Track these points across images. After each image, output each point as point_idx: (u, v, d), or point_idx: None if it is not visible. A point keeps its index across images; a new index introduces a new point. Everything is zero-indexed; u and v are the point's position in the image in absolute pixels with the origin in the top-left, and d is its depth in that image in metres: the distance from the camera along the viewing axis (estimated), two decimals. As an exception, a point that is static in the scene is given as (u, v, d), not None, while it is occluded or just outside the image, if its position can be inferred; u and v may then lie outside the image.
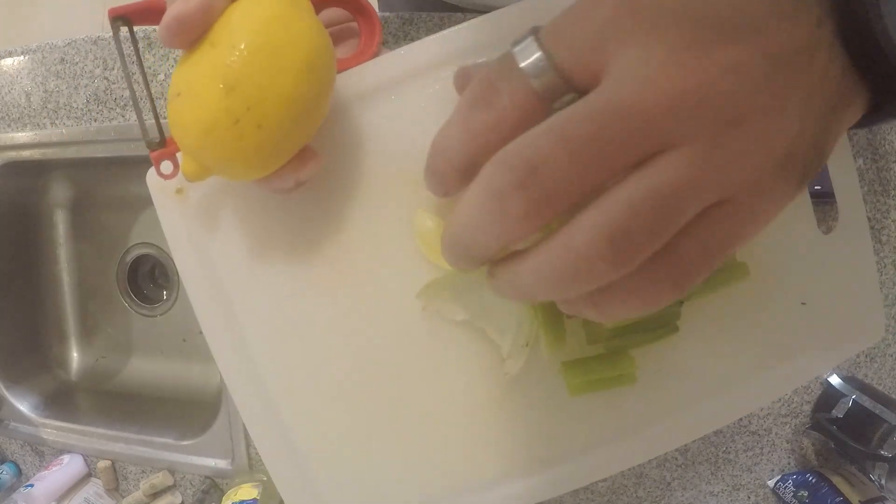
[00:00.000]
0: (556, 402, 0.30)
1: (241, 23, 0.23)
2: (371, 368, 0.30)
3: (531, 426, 0.30)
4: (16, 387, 0.72)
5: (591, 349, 0.29)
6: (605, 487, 0.63)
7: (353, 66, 0.29)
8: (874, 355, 0.65)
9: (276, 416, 0.31)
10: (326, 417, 0.31)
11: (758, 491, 0.65)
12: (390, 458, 0.31)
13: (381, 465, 0.31)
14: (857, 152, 0.62)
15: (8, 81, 0.65)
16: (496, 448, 0.30)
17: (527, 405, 0.30)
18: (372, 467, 0.31)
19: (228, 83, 0.23)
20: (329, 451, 0.31)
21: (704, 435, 0.61)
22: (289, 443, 0.31)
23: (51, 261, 0.80)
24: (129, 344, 0.81)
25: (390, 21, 0.57)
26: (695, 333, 0.30)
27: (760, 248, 0.31)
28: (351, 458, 0.31)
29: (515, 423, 0.30)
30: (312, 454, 0.31)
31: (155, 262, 0.80)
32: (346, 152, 0.30)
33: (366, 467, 0.31)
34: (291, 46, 0.23)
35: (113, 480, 0.67)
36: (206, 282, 0.32)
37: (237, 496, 0.59)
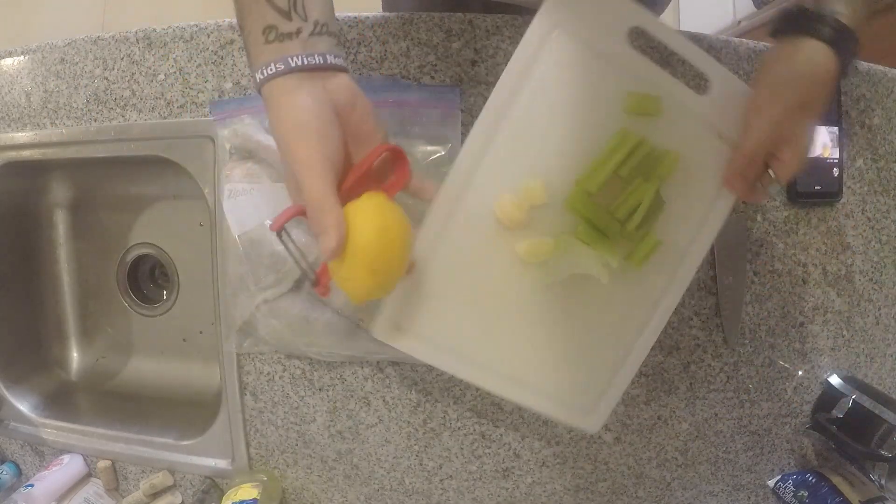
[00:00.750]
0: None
1: (364, 227, 0.38)
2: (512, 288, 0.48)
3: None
4: (16, 387, 0.72)
5: (629, 244, 0.47)
6: (605, 487, 0.63)
7: (392, 195, 0.42)
8: (874, 355, 0.65)
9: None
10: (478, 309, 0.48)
11: (758, 491, 0.65)
12: (499, 342, 0.48)
13: (490, 345, 0.48)
14: (858, 152, 0.62)
15: (8, 81, 0.65)
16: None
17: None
18: (484, 347, 0.48)
19: (372, 269, 0.38)
20: (466, 330, 0.48)
21: (704, 435, 0.61)
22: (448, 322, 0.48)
23: (51, 261, 0.80)
24: (129, 344, 0.81)
25: (390, 21, 0.57)
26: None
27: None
28: (473, 338, 0.48)
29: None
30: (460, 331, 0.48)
31: (155, 262, 0.80)
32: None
33: (480, 346, 0.48)
34: (397, 227, 0.39)
35: (113, 480, 0.67)
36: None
37: (237, 496, 0.59)
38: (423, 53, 0.57)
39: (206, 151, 0.60)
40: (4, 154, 0.67)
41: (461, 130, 0.56)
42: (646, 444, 0.63)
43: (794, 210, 0.61)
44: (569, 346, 0.49)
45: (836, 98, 0.60)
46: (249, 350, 0.60)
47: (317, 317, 0.56)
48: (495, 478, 0.62)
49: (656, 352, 0.60)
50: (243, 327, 0.58)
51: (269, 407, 0.61)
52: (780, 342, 0.62)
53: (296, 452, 0.63)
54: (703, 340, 0.61)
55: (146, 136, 0.61)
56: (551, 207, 0.46)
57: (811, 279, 0.62)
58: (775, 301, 0.62)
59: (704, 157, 0.47)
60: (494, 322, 0.48)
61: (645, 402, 0.61)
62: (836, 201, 0.61)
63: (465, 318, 0.48)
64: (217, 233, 0.59)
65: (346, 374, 0.60)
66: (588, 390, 0.50)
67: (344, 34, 0.57)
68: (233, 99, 0.59)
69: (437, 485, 0.62)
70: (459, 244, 0.47)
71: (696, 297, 0.61)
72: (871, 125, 0.62)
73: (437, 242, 0.46)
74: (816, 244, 0.62)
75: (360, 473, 0.63)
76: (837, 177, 0.60)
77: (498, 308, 0.48)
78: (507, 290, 0.48)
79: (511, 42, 0.57)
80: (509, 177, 0.46)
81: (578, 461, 0.62)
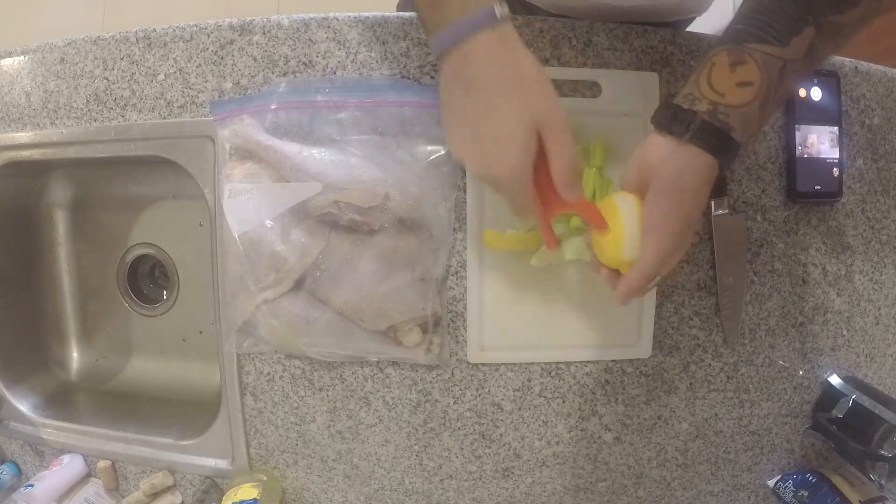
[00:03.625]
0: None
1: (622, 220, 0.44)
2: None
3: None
4: (16, 387, 0.72)
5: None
6: (605, 487, 0.63)
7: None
8: (874, 355, 0.65)
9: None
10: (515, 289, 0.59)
11: (758, 491, 0.65)
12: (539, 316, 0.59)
13: (546, 331, 0.59)
14: (858, 152, 0.62)
15: (8, 81, 0.65)
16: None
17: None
18: (543, 334, 0.59)
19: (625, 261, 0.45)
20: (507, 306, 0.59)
21: (704, 435, 0.61)
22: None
23: (51, 261, 0.80)
24: (129, 344, 0.81)
25: (390, 21, 0.57)
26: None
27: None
28: (532, 331, 0.59)
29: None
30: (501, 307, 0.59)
31: (155, 262, 0.80)
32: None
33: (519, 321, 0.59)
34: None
35: (113, 480, 0.67)
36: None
37: (237, 496, 0.59)
38: (423, 53, 0.57)
39: (206, 151, 0.60)
40: (4, 154, 0.67)
41: (461, 130, 0.56)
42: (646, 444, 0.63)
43: (794, 210, 0.61)
44: (598, 303, 0.59)
45: (837, 98, 0.60)
46: (249, 350, 0.60)
47: (317, 317, 0.56)
48: (495, 478, 0.62)
49: (656, 352, 0.60)
50: (243, 327, 0.58)
51: (269, 407, 0.61)
52: (780, 342, 0.62)
53: (296, 452, 0.63)
54: (703, 340, 0.61)
55: (146, 136, 0.61)
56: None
57: (811, 279, 0.62)
58: (775, 301, 0.62)
59: (622, 135, 0.57)
60: (541, 312, 0.59)
61: (645, 402, 0.61)
62: (836, 201, 0.61)
63: (520, 320, 0.59)
64: (217, 233, 0.59)
65: (346, 374, 0.60)
66: (627, 328, 0.60)
67: (344, 34, 0.57)
68: (233, 99, 0.59)
69: (437, 485, 0.62)
70: (494, 272, 0.58)
71: (696, 297, 0.61)
72: (871, 125, 0.62)
73: (482, 276, 0.58)
74: (816, 244, 0.62)
75: (360, 473, 0.63)
76: (837, 177, 0.60)
77: (539, 301, 0.59)
78: (541, 286, 0.58)
79: (511, 42, 0.57)
80: (505, 213, 0.56)
81: (578, 461, 0.62)
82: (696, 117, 0.41)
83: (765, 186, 0.61)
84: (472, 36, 0.39)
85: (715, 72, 0.41)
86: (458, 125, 0.43)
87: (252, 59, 0.58)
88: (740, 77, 0.41)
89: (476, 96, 0.40)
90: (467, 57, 0.40)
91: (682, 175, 0.42)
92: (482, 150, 0.41)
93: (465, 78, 0.41)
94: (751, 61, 0.40)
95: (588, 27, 0.57)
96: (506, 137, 0.40)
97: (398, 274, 0.56)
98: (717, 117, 0.41)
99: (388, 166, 0.55)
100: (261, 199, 0.55)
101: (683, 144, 0.41)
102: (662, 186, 0.42)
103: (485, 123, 0.41)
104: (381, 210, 0.54)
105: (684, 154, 0.41)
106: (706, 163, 0.41)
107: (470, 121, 0.42)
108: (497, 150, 0.41)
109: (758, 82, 0.40)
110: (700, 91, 0.42)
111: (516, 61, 0.40)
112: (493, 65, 0.40)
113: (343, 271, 0.55)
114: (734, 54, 0.41)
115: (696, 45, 0.59)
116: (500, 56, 0.40)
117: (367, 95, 0.56)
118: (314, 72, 0.58)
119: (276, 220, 0.55)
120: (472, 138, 0.42)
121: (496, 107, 0.40)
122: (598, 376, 0.60)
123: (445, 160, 0.56)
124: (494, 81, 0.40)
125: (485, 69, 0.40)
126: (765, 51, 0.40)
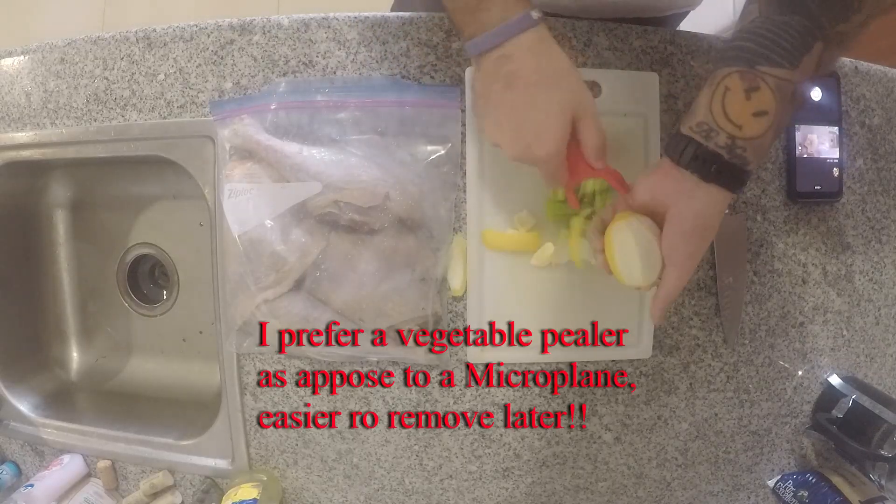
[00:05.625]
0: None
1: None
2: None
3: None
4: (16, 387, 0.72)
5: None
6: (605, 487, 0.63)
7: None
8: (874, 355, 0.65)
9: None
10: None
11: (758, 491, 0.65)
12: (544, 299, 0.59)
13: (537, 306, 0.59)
14: (858, 152, 0.62)
15: (8, 81, 0.65)
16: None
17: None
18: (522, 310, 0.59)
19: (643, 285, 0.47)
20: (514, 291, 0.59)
21: (704, 435, 0.61)
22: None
23: (51, 261, 0.80)
24: (129, 344, 0.81)
25: (390, 21, 0.57)
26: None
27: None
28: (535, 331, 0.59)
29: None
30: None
31: (155, 262, 0.80)
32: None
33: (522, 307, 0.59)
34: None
35: (113, 480, 0.67)
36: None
37: (237, 496, 0.59)
38: (423, 53, 0.57)
39: (206, 151, 0.60)
40: (4, 154, 0.67)
41: (461, 130, 0.56)
42: (646, 444, 0.63)
43: (794, 210, 0.61)
44: (598, 303, 0.59)
45: (837, 98, 0.60)
46: (249, 350, 0.60)
47: (317, 317, 0.56)
48: (495, 478, 0.62)
49: (656, 352, 0.60)
50: (243, 327, 0.58)
51: (269, 407, 0.61)
52: (780, 342, 0.62)
53: (296, 452, 0.63)
54: (703, 340, 0.61)
55: (146, 136, 0.61)
56: (540, 224, 0.57)
57: (811, 279, 0.62)
58: (775, 301, 0.62)
59: (622, 135, 0.57)
60: (541, 312, 0.59)
61: (645, 402, 0.61)
62: (836, 201, 0.62)
63: (520, 320, 0.59)
64: (217, 233, 0.59)
65: (347, 374, 0.60)
66: (627, 328, 0.59)
67: (344, 34, 0.57)
68: (233, 99, 0.59)
69: (437, 485, 0.62)
70: (494, 272, 0.58)
71: (696, 297, 0.61)
72: (871, 125, 0.62)
73: (482, 276, 0.57)
74: (816, 244, 0.62)
75: (360, 473, 0.63)
76: (837, 177, 0.60)
77: (539, 301, 0.59)
78: (541, 286, 0.58)
79: (511, 42, 0.57)
80: (505, 213, 0.57)
81: (578, 461, 0.62)
82: (718, 158, 0.41)
83: (765, 186, 0.61)
84: (513, 38, 0.44)
85: (729, 98, 0.41)
86: (497, 115, 0.47)
87: (252, 59, 0.58)
88: (755, 106, 0.40)
89: (517, 91, 0.45)
90: (508, 57, 0.44)
91: (704, 214, 0.43)
92: (522, 137, 0.46)
93: (506, 74, 0.45)
94: (765, 87, 0.40)
95: (588, 27, 0.57)
96: (546, 125, 0.45)
97: (398, 274, 0.56)
98: (736, 152, 0.41)
99: (388, 166, 0.55)
100: (261, 199, 0.55)
101: (703, 183, 0.42)
102: (685, 228, 0.43)
103: (526, 113, 0.45)
104: (381, 210, 0.54)
105: (704, 194, 0.42)
106: (725, 198, 0.42)
107: (509, 111, 0.46)
108: (537, 137, 0.45)
109: (772, 111, 0.40)
110: (716, 122, 0.41)
111: (552, 59, 0.45)
112: (531, 63, 0.44)
113: (343, 271, 0.55)
114: (748, 79, 0.40)
115: (696, 45, 0.59)
116: (537, 55, 0.44)
117: (367, 95, 0.56)
118: (314, 72, 0.58)
119: (276, 220, 0.55)
120: (511, 127, 0.46)
121: (537, 100, 0.44)
122: (598, 376, 0.60)
123: (445, 160, 0.56)
124: (535, 78, 0.44)
125: (524, 67, 0.44)
126: (777, 75, 0.40)
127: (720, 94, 0.41)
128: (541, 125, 0.45)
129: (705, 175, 0.41)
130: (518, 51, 0.44)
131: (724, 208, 0.43)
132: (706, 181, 0.41)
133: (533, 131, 0.45)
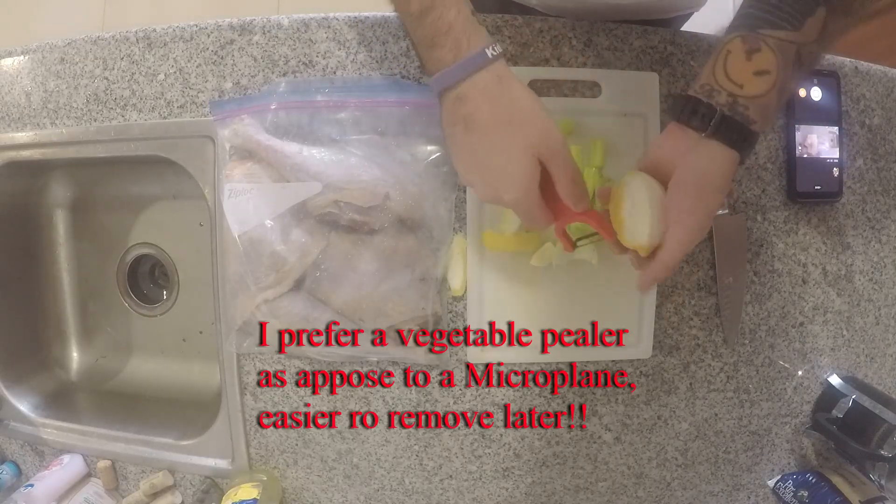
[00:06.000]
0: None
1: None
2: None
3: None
4: (16, 387, 0.72)
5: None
6: (605, 487, 0.63)
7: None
8: (874, 355, 0.65)
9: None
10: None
11: (758, 491, 0.65)
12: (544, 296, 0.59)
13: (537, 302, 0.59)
14: (858, 152, 0.62)
15: (8, 81, 0.65)
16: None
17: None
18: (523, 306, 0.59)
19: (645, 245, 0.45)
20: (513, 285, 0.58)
21: (704, 435, 0.61)
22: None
23: (51, 261, 0.80)
24: (129, 344, 0.81)
25: (390, 21, 0.57)
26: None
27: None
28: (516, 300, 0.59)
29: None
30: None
31: (155, 262, 0.80)
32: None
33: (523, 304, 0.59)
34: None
35: (113, 480, 0.67)
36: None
37: (237, 496, 0.59)
38: (423, 53, 0.57)
39: (206, 151, 0.60)
40: (4, 154, 0.67)
41: (461, 130, 0.56)
42: (646, 444, 0.63)
43: (794, 210, 0.61)
44: (599, 303, 0.59)
45: (837, 98, 0.60)
46: (249, 350, 0.60)
47: (317, 317, 0.56)
48: (495, 478, 0.62)
49: (656, 352, 0.60)
50: (243, 327, 0.58)
51: (269, 407, 0.61)
52: (780, 342, 0.62)
53: (296, 452, 0.63)
54: (703, 340, 0.61)
55: (146, 136, 0.61)
56: None
57: (811, 279, 0.62)
58: (775, 301, 0.62)
59: (622, 135, 0.57)
60: (541, 312, 0.59)
61: (645, 402, 0.61)
62: (836, 201, 0.61)
63: (520, 320, 0.59)
64: (217, 233, 0.59)
65: (347, 374, 0.60)
66: (627, 328, 0.59)
67: (344, 34, 0.57)
68: (233, 99, 0.59)
69: (437, 485, 0.62)
70: (494, 272, 0.58)
71: (696, 297, 0.61)
72: (871, 125, 0.62)
73: (482, 276, 0.57)
74: (816, 244, 0.62)
75: (360, 473, 0.63)
76: (837, 177, 0.60)
77: (539, 301, 0.59)
78: (541, 286, 0.58)
79: (511, 42, 0.57)
80: (505, 213, 0.56)
81: (578, 461, 0.62)
82: (717, 112, 0.41)
83: (765, 186, 0.61)
84: (468, 78, 0.42)
85: (731, 60, 0.41)
86: (462, 157, 0.45)
87: (252, 59, 0.58)
88: (757, 66, 0.40)
89: (475, 134, 0.43)
90: (463, 98, 0.42)
91: (706, 170, 0.42)
92: (490, 181, 0.44)
93: (463, 117, 0.43)
94: (766, 48, 0.40)
95: (588, 27, 0.57)
96: (509, 169, 0.43)
97: (398, 274, 0.56)
98: (737, 110, 0.41)
99: (388, 166, 0.55)
100: (261, 198, 0.55)
101: (705, 139, 0.41)
102: (686, 182, 0.42)
103: (488, 158, 0.43)
104: (381, 210, 0.54)
105: (706, 149, 0.42)
106: (728, 156, 0.41)
107: (473, 155, 0.44)
108: (502, 181, 0.43)
109: (774, 70, 0.40)
110: (717, 81, 0.41)
111: (510, 98, 0.42)
112: (487, 105, 0.42)
113: (343, 271, 0.55)
114: (749, 41, 0.41)
115: (696, 45, 0.59)
116: (494, 96, 0.42)
117: (367, 95, 0.56)
118: (314, 72, 0.58)
119: (276, 220, 0.55)
120: (478, 170, 0.44)
121: (495, 143, 0.42)
122: (598, 376, 0.60)
123: (445, 160, 0.56)
124: (492, 120, 0.42)
125: (480, 109, 0.42)
126: (779, 36, 0.40)
127: (722, 57, 0.42)
128: (503, 170, 0.43)
129: (706, 129, 0.41)
130: (473, 91, 0.42)
131: (729, 169, 0.42)
132: (707, 137, 0.41)
133: (496, 175, 0.43)
